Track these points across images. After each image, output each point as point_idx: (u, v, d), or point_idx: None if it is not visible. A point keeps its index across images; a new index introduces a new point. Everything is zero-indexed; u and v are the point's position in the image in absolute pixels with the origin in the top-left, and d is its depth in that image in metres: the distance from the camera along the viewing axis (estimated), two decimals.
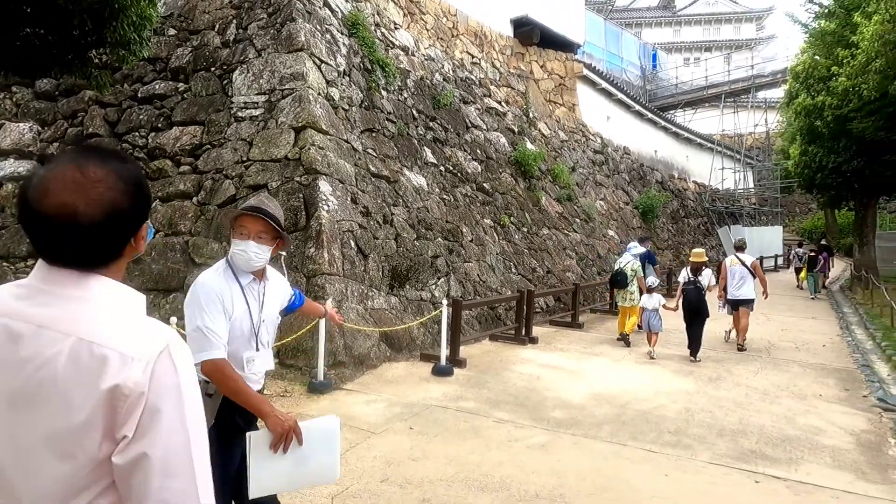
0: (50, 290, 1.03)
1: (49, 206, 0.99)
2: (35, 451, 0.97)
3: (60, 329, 0.99)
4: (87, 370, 0.96)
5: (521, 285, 11.06)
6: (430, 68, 12.90)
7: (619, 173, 20.45)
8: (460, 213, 10.79)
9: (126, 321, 1.04)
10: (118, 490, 0.98)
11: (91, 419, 0.95)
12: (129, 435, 0.95)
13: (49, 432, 0.97)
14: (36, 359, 0.98)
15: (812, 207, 41.78)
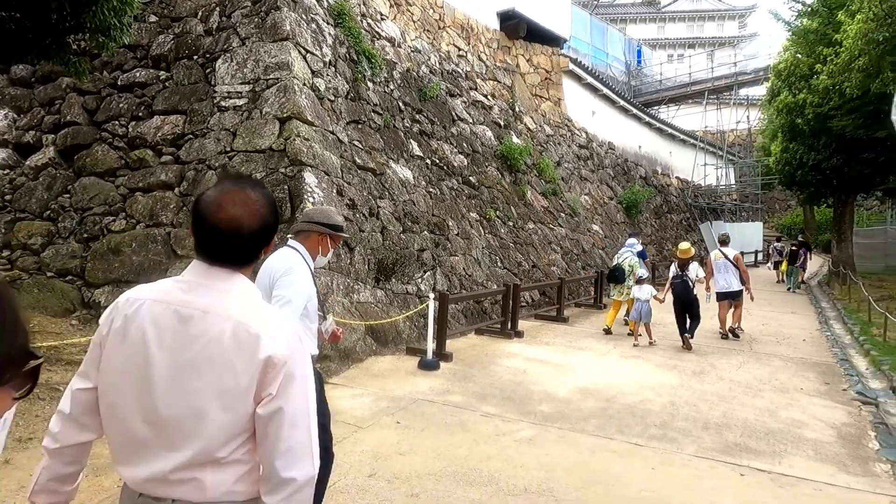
0: (207, 284, 1.35)
1: (222, 219, 1.32)
2: (207, 405, 1.29)
3: (221, 313, 1.31)
4: (246, 345, 1.28)
5: (507, 279, 11.06)
6: (416, 60, 12.80)
7: (604, 168, 20.54)
8: (446, 207, 10.75)
9: (264, 309, 1.38)
10: (259, 436, 1.31)
11: (250, 381, 1.28)
12: (272, 393, 1.28)
13: (218, 391, 1.28)
14: (204, 336, 1.30)
15: (791, 204, 42.45)
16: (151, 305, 1.35)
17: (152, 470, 1.31)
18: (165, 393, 1.30)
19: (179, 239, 7.78)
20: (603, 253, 16.40)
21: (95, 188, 8.62)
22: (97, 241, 8.11)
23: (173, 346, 1.32)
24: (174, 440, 1.30)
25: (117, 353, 1.35)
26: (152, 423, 1.31)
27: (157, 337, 1.32)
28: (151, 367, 1.31)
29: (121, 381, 1.34)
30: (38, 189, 8.99)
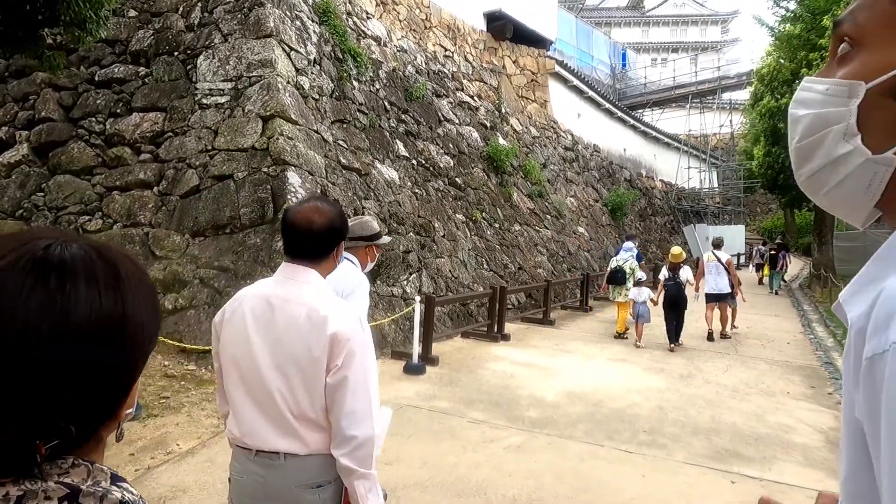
0: (290, 278, 1.71)
1: (298, 219, 1.71)
2: (292, 376, 1.62)
3: (298, 301, 1.65)
4: (318, 324, 1.60)
5: (493, 282, 10.97)
6: (402, 60, 12.68)
7: (590, 171, 20.58)
8: (432, 208, 10.63)
9: (331, 297, 1.71)
10: (327, 402, 1.61)
11: (321, 353, 1.59)
12: (339, 364, 1.58)
13: (301, 362, 1.61)
14: (286, 319, 1.64)
15: (772, 208, 43.02)
16: (250, 299, 1.74)
17: (264, 430, 1.66)
18: (262, 366, 1.66)
19: (158, 239, 7.56)
20: (588, 255, 16.40)
21: (71, 186, 8.37)
22: None
23: (265, 328, 1.68)
24: (276, 404, 1.64)
25: (226, 335, 1.75)
26: (258, 389, 1.68)
27: (254, 322, 1.69)
28: (252, 346, 1.68)
29: (231, 358, 1.74)
30: (10, 187, 8.70)
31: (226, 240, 7.29)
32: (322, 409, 1.63)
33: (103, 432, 0.64)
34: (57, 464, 0.57)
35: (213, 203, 7.53)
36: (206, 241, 7.38)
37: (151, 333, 0.65)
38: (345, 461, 1.61)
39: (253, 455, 1.68)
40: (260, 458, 1.67)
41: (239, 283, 6.75)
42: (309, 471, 1.66)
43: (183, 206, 7.72)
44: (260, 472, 1.67)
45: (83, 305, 0.56)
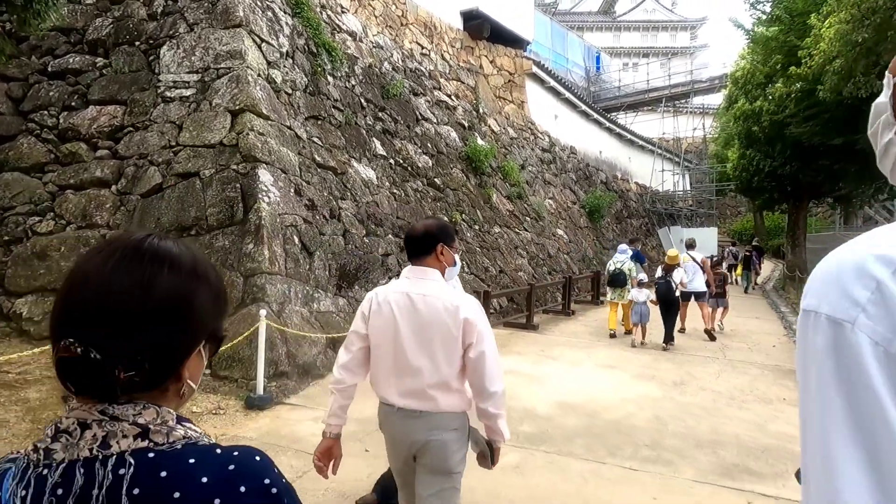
0: (420, 277, 2.26)
1: (414, 231, 2.34)
2: (437, 352, 2.18)
3: (432, 295, 2.20)
4: (452, 313, 2.16)
5: (475, 285, 10.60)
6: (378, 56, 12.25)
7: (567, 172, 20.40)
8: (411, 209, 10.21)
9: (452, 290, 2.25)
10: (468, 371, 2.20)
11: (458, 334, 2.15)
12: (472, 342, 2.15)
13: (441, 342, 2.17)
14: (426, 310, 2.19)
15: (741, 210, 43.74)
16: (393, 294, 2.23)
17: (407, 392, 2.18)
18: (409, 345, 2.17)
19: None
20: (568, 258, 16.17)
21: (19, 185, 7.70)
22: (20, 245, 7.20)
23: (409, 316, 2.18)
24: (418, 373, 2.16)
25: (377, 323, 2.23)
26: (404, 363, 2.17)
27: (399, 312, 2.18)
28: (399, 331, 2.18)
29: (382, 340, 2.22)
30: None
31: (191, 242, 6.74)
32: (457, 375, 2.18)
33: (170, 385, 0.78)
34: (132, 406, 0.74)
35: (177, 203, 6.98)
36: None
37: (213, 320, 0.82)
38: (491, 409, 2.20)
39: (395, 410, 2.22)
40: (401, 412, 2.21)
41: None
42: (443, 421, 2.20)
43: (144, 207, 7.15)
44: (402, 423, 2.22)
45: (163, 284, 0.75)
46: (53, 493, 0.68)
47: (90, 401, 0.73)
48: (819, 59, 7.83)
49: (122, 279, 0.73)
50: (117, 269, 0.74)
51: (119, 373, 0.71)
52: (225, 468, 0.72)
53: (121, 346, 0.71)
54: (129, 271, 0.74)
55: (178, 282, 0.76)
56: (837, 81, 7.77)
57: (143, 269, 0.74)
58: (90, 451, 0.70)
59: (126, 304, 0.72)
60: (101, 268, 0.74)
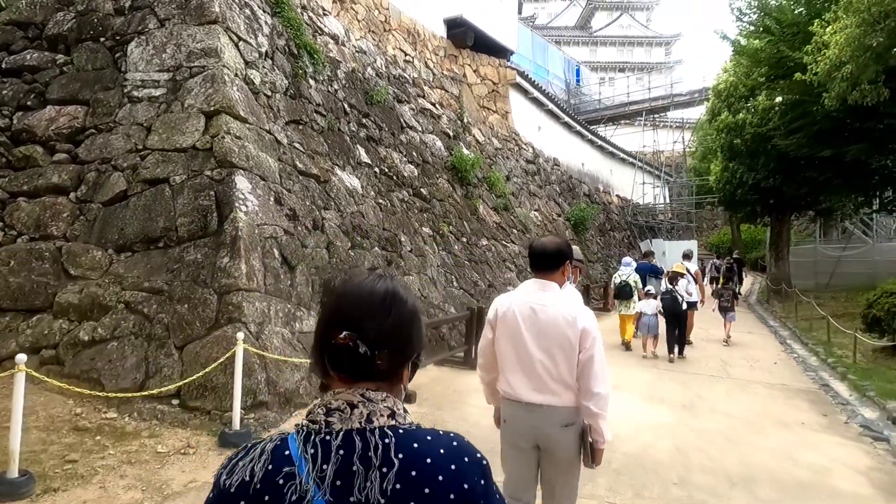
0: (542, 289, 2.58)
1: (537, 245, 2.69)
2: (556, 355, 2.49)
3: (553, 305, 2.52)
4: (571, 322, 2.47)
5: (464, 300, 10.05)
6: (361, 61, 11.73)
7: (551, 184, 20.08)
8: (398, 220, 9.64)
9: (572, 301, 2.60)
10: (577, 372, 2.50)
11: (575, 341, 2.46)
12: (586, 347, 2.46)
13: (560, 346, 2.48)
14: (547, 319, 2.50)
15: (717, 223, 44.14)
16: (517, 304, 2.60)
17: (531, 388, 2.54)
18: (532, 348, 2.53)
19: (74, 255, 6.25)
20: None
21: None
22: None
23: (532, 324, 2.54)
24: (541, 373, 2.52)
25: (502, 329, 2.62)
26: (528, 364, 2.55)
27: (523, 320, 2.54)
28: (522, 336, 2.55)
29: (508, 344, 2.60)
30: None
31: (159, 256, 6.07)
32: (573, 375, 2.50)
33: (395, 381, 1.08)
34: (381, 393, 1.02)
35: (143, 212, 6.31)
36: (135, 257, 6.14)
37: (420, 345, 1.11)
38: (593, 408, 2.47)
39: (522, 405, 2.56)
40: (527, 406, 2.55)
41: (174, 307, 5.57)
42: (561, 415, 2.54)
43: (106, 216, 6.45)
44: (526, 416, 2.56)
45: (400, 304, 1.06)
46: (337, 452, 0.95)
47: (349, 383, 1.02)
48: (825, 65, 7.58)
49: (374, 297, 1.05)
50: (371, 289, 1.06)
51: (377, 360, 1.01)
52: (451, 444, 1.02)
53: (376, 342, 1.01)
54: (379, 292, 1.05)
55: (408, 304, 1.08)
56: (846, 88, 7.51)
57: (387, 291, 1.06)
58: (359, 423, 0.98)
59: (380, 314, 1.03)
60: (358, 288, 1.06)
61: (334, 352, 1.00)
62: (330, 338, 1.00)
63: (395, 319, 1.04)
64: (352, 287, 1.06)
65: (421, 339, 1.10)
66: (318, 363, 1.05)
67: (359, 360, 0.99)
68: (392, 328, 1.03)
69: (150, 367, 5.29)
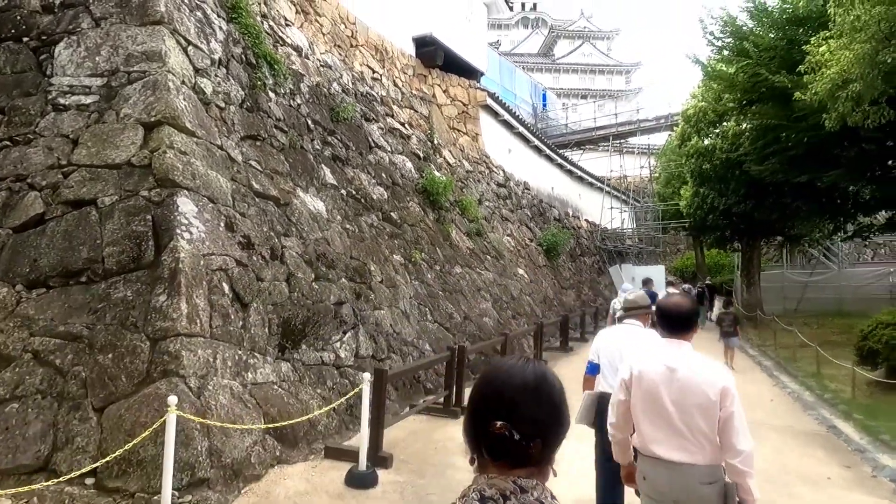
0: (677, 349, 2.64)
1: (671, 306, 2.73)
2: (695, 413, 2.49)
3: (690, 366, 2.57)
4: (711, 382, 2.50)
5: (439, 335, 9.18)
6: (326, 76, 10.91)
7: (522, 208, 19.51)
8: (367, 247, 8.75)
9: (708, 361, 2.65)
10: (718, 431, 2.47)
11: (716, 399, 2.45)
12: (727, 405, 2.45)
13: (699, 406, 2.49)
14: (686, 378, 2.53)
15: (681, 248, 44.59)
16: (653, 365, 2.65)
17: (671, 448, 2.55)
18: (672, 409, 2.54)
19: None
20: (531, 299, 15.02)
21: None
22: None
23: (670, 384, 2.57)
24: (685, 432, 2.52)
25: (639, 389, 2.65)
26: (668, 423, 2.55)
27: (661, 380, 2.59)
28: (661, 395, 2.57)
29: (646, 404, 2.63)
30: None
31: (79, 293, 5.01)
32: (713, 433, 2.48)
33: (543, 466, 1.12)
34: (532, 481, 1.08)
35: (63, 239, 5.26)
36: (49, 294, 5.06)
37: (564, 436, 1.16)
38: (739, 465, 2.44)
39: (662, 462, 2.57)
40: (667, 464, 2.56)
41: (95, 358, 4.52)
42: (701, 473, 2.52)
43: (16, 244, 5.36)
44: (666, 473, 2.57)
45: (550, 395, 1.13)
46: None
47: (503, 469, 1.08)
48: (826, 84, 7.17)
49: (527, 384, 1.11)
50: (523, 377, 1.12)
51: (531, 449, 1.08)
52: None
53: (531, 432, 1.07)
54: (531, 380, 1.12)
55: (557, 388, 1.15)
56: (850, 108, 7.10)
57: (538, 378, 1.13)
58: None
59: (533, 402, 1.10)
60: (510, 376, 1.12)
61: (490, 440, 1.08)
62: (485, 425, 1.09)
63: (548, 406, 1.12)
64: (504, 374, 1.14)
65: (568, 419, 1.17)
66: (472, 445, 1.14)
67: (513, 448, 1.08)
68: (545, 415, 1.11)
69: (60, 437, 4.21)
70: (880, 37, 6.17)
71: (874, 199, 13.94)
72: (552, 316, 15.29)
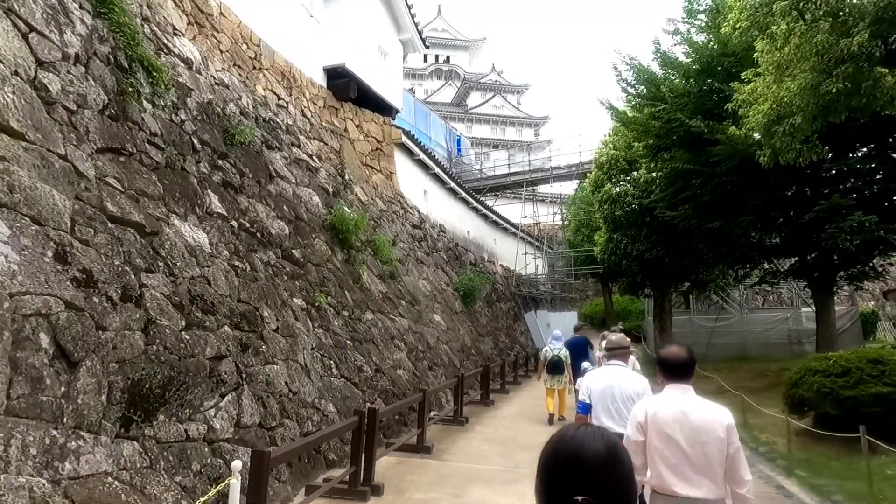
0: (683, 394, 2.90)
1: (682, 359, 2.97)
2: (708, 452, 2.75)
3: (698, 408, 2.86)
4: (718, 421, 2.80)
5: (346, 393, 7.84)
6: (222, 95, 9.60)
7: (438, 251, 18.63)
8: (260, 289, 7.35)
9: (712, 404, 2.93)
10: (726, 465, 2.75)
11: (724, 436, 2.76)
12: (734, 440, 2.77)
13: (712, 443, 2.75)
14: (698, 418, 2.81)
15: (589, 294, 45.60)
16: (666, 408, 2.87)
17: (686, 484, 2.74)
18: (686, 447, 2.75)
19: None
20: (448, 348, 13.93)
21: None
22: None
23: (683, 424, 2.80)
24: (699, 469, 2.74)
25: (653, 430, 2.86)
26: (684, 460, 2.76)
27: (674, 421, 2.80)
28: (676, 435, 2.79)
29: (661, 444, 2.83)
30: None
31: None
32: (722, 468, 2.74)
33: None
34: None
35: None
36: None
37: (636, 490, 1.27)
38: (746, 494, 2.74)
39: (678, 499, 2.75)
40: (683, 500, 2.73)
41: None
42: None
43: None
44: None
45: (621, 464, 1.17)
46: None
47: None
48: (761, 119, 6.90)
49: (600, 456, 1.13)
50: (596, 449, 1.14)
51: None
52: None
53: (609, 499, 1.10)
54: (602, 452, 1.14)
55: (626, 459, 1.18)
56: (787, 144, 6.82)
57: (610, 450, 1.15)
58: None
59: (607, 474, 1.12)
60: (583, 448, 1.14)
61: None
62: (564, 500, 1.09)
63: (620, 477, 1.14)
64: (577, 446, 1.15)
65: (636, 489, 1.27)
66: None
67: None
68: (618, 484, 1.13)
69: None
70: (821, 68, 5.96)
71: (779, 246, 14.31)
72: (471, 366, 14.28)
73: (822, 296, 13.60)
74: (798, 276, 14.80)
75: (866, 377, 8.03)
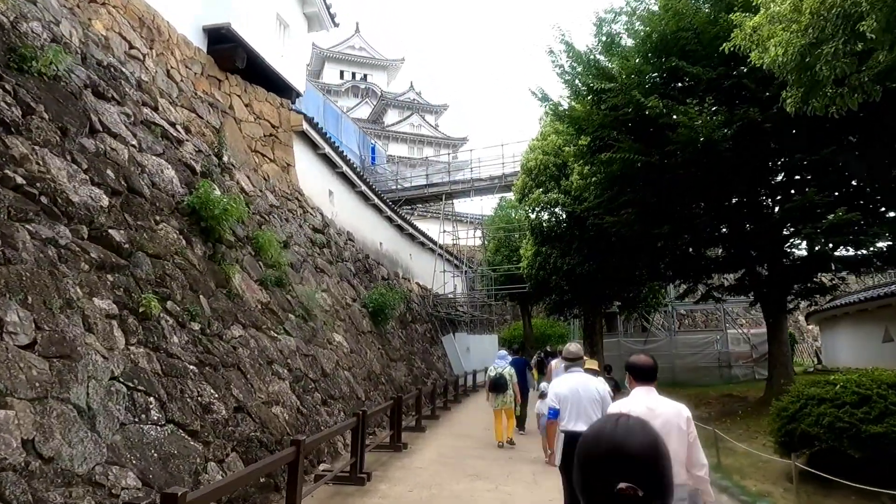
0: (648, 394, 3.52)
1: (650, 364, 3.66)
2: (672, 441, 3.14)
3: (661, 406, 3.45)
4: (680, 415, 3.42)
5: (171, 451, 4.93)
6: (19, 8, 6.57)
7: (344, 261, 15.81)
8: (13, 277, 4.36)
9: (668, 400, 3.54)
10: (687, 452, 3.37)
11: (684, 427, 3.37)
12: (692, 430, 3.41)
13: (676, 434, 3.31)
14: (664, 413, 3.38)
15: (507, 318, 43.99)
16: (637, 407, 3.30)
17: None
18: None
19: None
20: (350, 375, 11.11)
21: None
22: None
23: (653, 419, 2.73)
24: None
25: None
26: None
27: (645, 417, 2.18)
28: None
29: None
30: None
31: None
32: (683, 456, 3.28)
33: None
34: None
35: None
36: None
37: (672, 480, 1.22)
38: (703, 475, 3.34)
39: None
40: None
41: None
42: (679, 493, 3.10)
43: None
44: None
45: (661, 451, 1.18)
46: None
47: None
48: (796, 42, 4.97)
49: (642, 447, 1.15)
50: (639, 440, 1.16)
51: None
52: None
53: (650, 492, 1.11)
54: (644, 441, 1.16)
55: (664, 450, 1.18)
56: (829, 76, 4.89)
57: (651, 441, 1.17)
58: None
59: (649, 463, 1.13)
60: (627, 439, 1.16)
61: (616, 502, 1.11)
62: (609, 487, 1.11)
63: (661, 469, 1.16)
64: (620, 437, 1.16)
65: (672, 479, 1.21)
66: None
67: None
68: (660, 477, 1.15)
69: None
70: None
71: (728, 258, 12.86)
72: (379, 398, 11.55)
73: (775, 313, 12.17)
74: (746, 291, 13.38)
75: (892, 406, 6.18)
